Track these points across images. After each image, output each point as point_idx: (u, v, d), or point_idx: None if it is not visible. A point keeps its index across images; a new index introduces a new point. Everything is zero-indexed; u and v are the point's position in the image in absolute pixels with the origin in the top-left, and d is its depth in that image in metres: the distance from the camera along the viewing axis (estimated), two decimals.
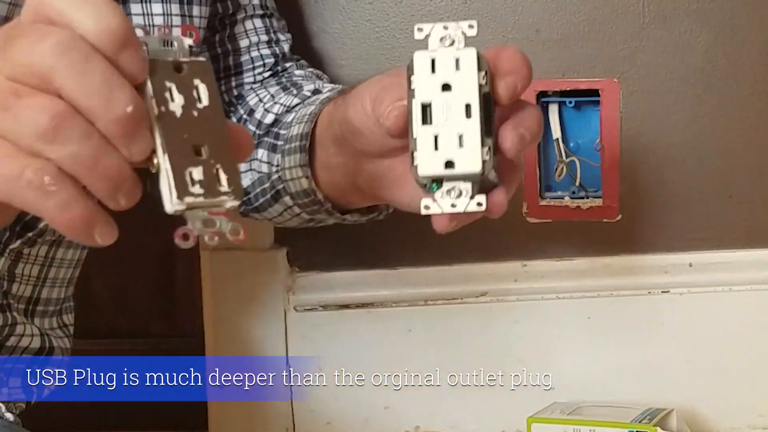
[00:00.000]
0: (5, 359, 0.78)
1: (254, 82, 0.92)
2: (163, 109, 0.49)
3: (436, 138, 0.55)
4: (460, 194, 0.56)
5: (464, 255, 1.09)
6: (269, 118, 0.86)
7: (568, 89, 1.04)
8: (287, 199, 0.83)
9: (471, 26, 0.57)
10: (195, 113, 0.50)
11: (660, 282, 1.06)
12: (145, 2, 0.79)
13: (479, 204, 0.56)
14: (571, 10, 1.03)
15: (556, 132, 1.04)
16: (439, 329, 1.10)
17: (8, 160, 0.47)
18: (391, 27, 1.05)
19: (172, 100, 0.50)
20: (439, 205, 0.56)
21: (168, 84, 0.50)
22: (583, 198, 1.06)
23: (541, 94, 1.04)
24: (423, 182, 0.56)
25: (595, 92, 1.04)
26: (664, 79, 1.03)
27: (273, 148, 0.84)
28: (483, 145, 0.55)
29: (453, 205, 0.56)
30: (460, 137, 0.55)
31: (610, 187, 1.05)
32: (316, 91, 0.87)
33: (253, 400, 1.12)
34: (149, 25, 0.78)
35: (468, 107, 0.55)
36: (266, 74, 0.92)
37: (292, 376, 1.12)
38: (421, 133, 0.56)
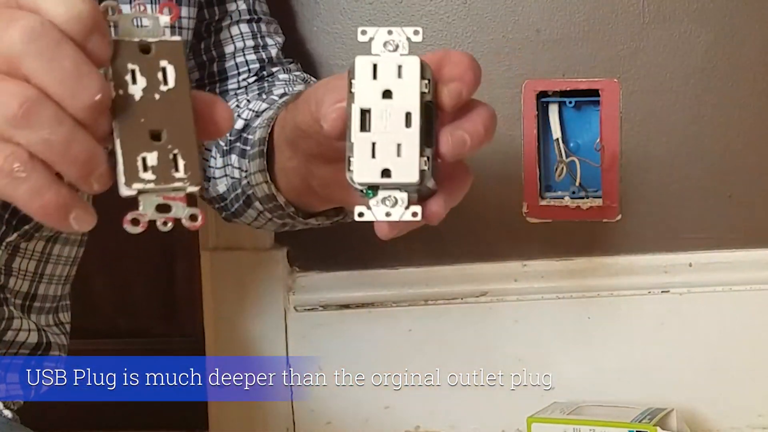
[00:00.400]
0: (3, 354, 0.78)
1: (238, 88, 0.92)
2: (120, 92, 0.48)
3: (373, 145, 0.54)
4: (395, 203, 0.55)
5: (464, 255, 1.09)
6: (239, 124, 0.85)
7: (568, 89, 1.04)
8: (257, 204, 0.83)
9: (416, 32, 0.57)
10: (157, 96, 0.49)
11: (660, 282, 1.06)
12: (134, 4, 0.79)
13: (414, 214, 0.55)
14: (571, 10, 1.03)
15: (556, 132, 1.04)
16: (439, 329, 1.10)
17: None
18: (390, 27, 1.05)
19: (134, 82, 0.49)
20: (374, 213, 0.55)
21: (131, 66, 0.49)
22: (583, 198, 1.06)
23: (541, 94, 1.04)
24: (359, 188, 0.55)
25: (595, 92, 1.04)
26: (664, 79, 1.03)
27: (242, 154, 0.84)
28: (421, 155, 0.54)
29: (388, 214, 0.55)
30: (398, 146, 0.54)
31: (610, 187, 1.05)
32: (283, 95, 0.86)
33: (253, 400, 1.12)
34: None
35: (408, 116, 0.54)
36: (251, 80, 0.92)
37: (292, 376, 1.12)
38: (358, 139, 0.54)
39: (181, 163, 0.48)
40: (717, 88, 1.03)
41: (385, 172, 0.54)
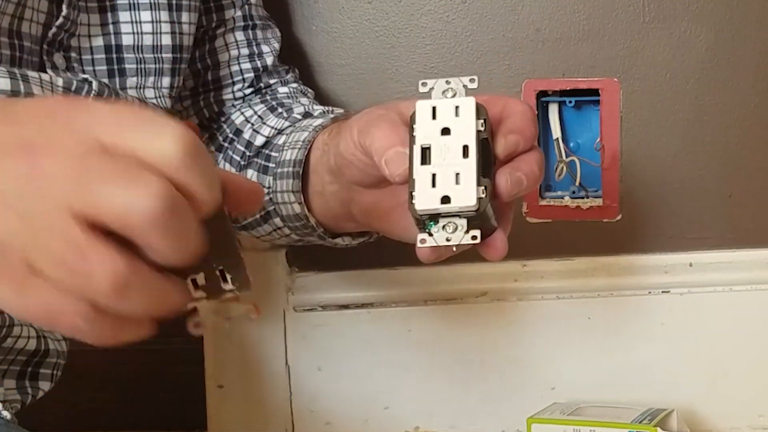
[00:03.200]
0: (1, 360, 0.78)
1: (235, 99, 0.92)
2: None
3: (434, 176, 0.57)
4: (455, 229, 0.58)
5: (464, 255, 1.08)
6: (260, 140, 0.86)
7: (568, 89, 1.04)
8: (277, 220, 0.84)
9: (472, 80, 0.60)
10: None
11: (660, 282, 1.06)
12: (134, 10, 0.80)
13: (474, 237, 0.58)
14: (571, 10, 1.03)
15: (556, 132, 1.04)
16: (439, 329, 1.09)
17: (57, 300, 0.44)
18: (391, 27, 1.05)
19: None
20: (435, 239, 0.58)
21: None
22: (583, 198, 1.06)
23: (541, 94, 1.04)
24: (421, 219, 0.58)
25: (595, 92, 1.04)
26: (664, 79, 1.03)
27: (264, 170, 0.85)
28: (479, 183, 0.57)
29: (448, 239, 0.58)
30: (457, 175, 0.57)
31: (610, 187, 1.05)
32: (306, 114, 0.87)
33: (253, 400, 1.12)
34: None
35: (465, 148, 0.58)
36: (247, 90, 0.92)
37: (291, 376, 1.12)
38: (419, 172, 0.58)
39: (228, 276, 0.50)
40: (717, 88, 1.03)
41: (445, 199, 0.57)
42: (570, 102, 1.04)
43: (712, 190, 1.05)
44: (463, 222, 0.57)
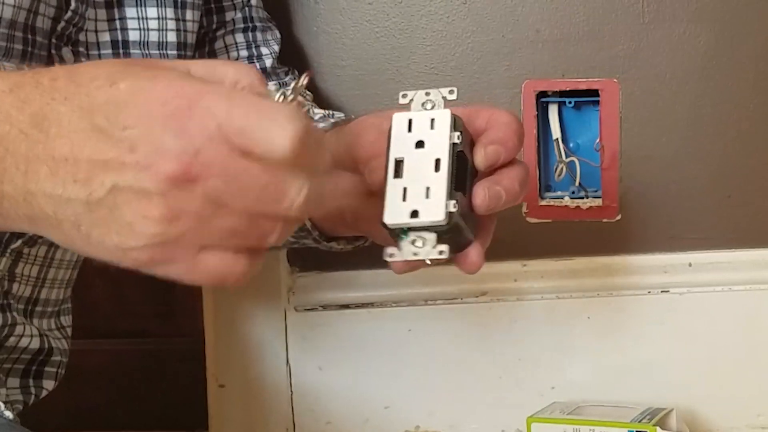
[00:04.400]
0: (4, 359, 0.78)
1: None
2: None
3: (404, 190, 0.57)
4: (424, 243, 0.57)
5: None
6: None
7: (567, 89, 1.04)
8: None
9: (451, 91, 0.59)
10: None
11: (660, 282, 1.06)
12: (141, 6, 0.80)
13: (441, 252, 0.57)
14: (571, 10, 1.03)
15: (555, 132, 1.04)
16: (439, 329, 1.10)
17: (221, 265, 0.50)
18: (391, 27, 1.05)
19: None
20: (403, 253, 0.57)
21: None
22: (582, 198, 1.06)
23: (541, 94, 1.04)
24: (394, 232, 0.58)
25: (594, 92, 1.04)
26: (664, 79, 1.03)
27: None
28: (450, 197, 0.57)
29: (415, 254, 0.57)
30: (427, 189, 0.57)
31: (610, 187, 1.05)
32: (326, 116, 0.88)
33: (254, 399, 1.12)
34: None
35: (437, 162, 0.57)
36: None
37: (292, 376, 1.12)
38: (391, 186, 0.57)
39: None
40: (717, 88, 1.03)
41: (414, 213, 0.57)
42: (570, 102, 1.04)
43: (712, 190, 1.05)
44: (432, 236, 0.57)
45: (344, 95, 1.06)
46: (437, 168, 0.57)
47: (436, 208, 0.56)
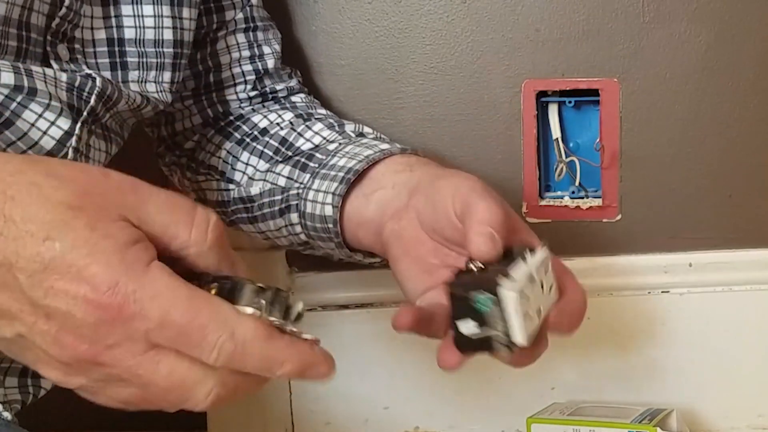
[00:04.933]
0: (2, 358, 0.78)
1: (240, 100, 0.92)
2: None
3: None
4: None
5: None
6: (307, 146, 0.88)
7: (567, 89, 1.04)
8: (294, 216, 0.85)
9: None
10: None
11: (660, 282, 1.06)
12: (137, 3, 0.80)
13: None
14: (571, 10, 1.03)
15: (555, 132, 1.04)
16: None
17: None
18: (391, 27, 1.05)
19: None
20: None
21: None
22: (583, 198, 1.06)
23: (541, 94, 1.04)
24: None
25: (595, 92, 1.04)
26: (664, 79, 1.03)
27: (303, 167, 0.86)
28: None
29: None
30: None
31: (610, 187, 1.05)
32: (360, 134, 0.89)
33: (253, 400, 1.12)
34: None
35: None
36: (251, 93, 0.93)
37: None
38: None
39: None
40: (717, 88, 1.03)
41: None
42: (570, 102, 1.04)
43: (712, 190, 1.05)
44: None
45: (343, 95, 1.06)
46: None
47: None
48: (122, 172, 0.53)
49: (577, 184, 1.04)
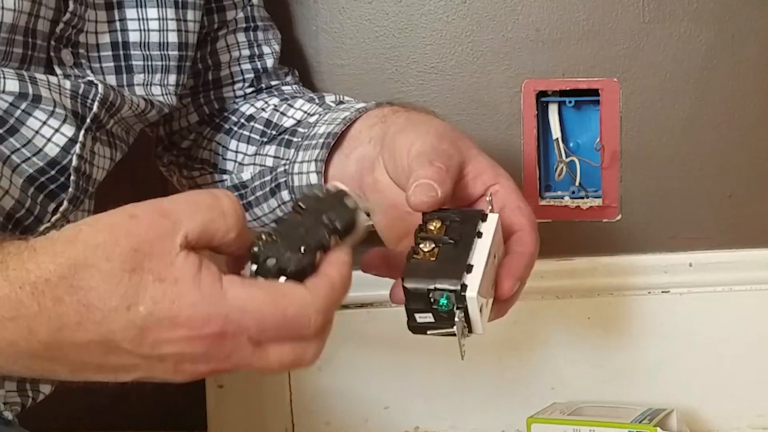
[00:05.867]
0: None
1: (236, 96, 0.92)
2: None
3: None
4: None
5: None
6: (289, 123, 0.88)
7: (568, 89, 1.04)
8: (285, 193, 0.84)
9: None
10: None
11: (660, 282, 1.06)
12: (141, 7, 0.80)
13: None
14: (571, 9, 1.03)
15: (556, 132, 1.04)
16: None
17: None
18: (391, 27, 1.05)
19: None
20: None
21: None
22: (583, 198, 1.06)
23: (541, 94, 1.04)
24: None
25: (595, 92, 1.04)
26: (664, 79, 1.03)
27: (288, 144, 0.86)
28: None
29: None
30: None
31: (610, 187, 1.05)
32: (340, 102, 0.89)
33: (253, 400, 1.12)
34: None
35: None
36: (248, 90, 0.93)
37: (291, 376, 1.12)
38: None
39: None
40: (717, 88, 1.03)
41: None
42: (570, 102, 1.04)
43: (712, 190, 1.05)
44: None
45: (343, 94, 1.06)
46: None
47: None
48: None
49: (577, 184, 1.04)
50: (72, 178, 0.73)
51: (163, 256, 0.52)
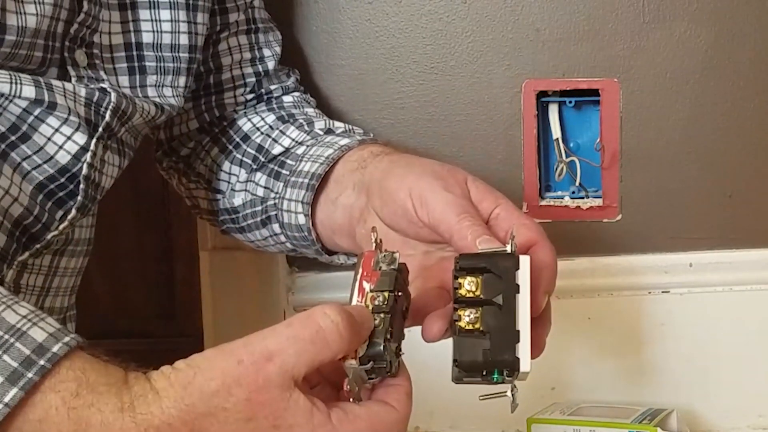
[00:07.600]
0: None
1: (237, 103, 0.93)
2: None
3: None
4: None
5: None
6: (278, 149, 0.88)
7: (568, 89, 1.04)
8: (276, 226, 0.85)
9: None
10: None
11: (660, 282, 1.06)
12: (154, 8, 0.80)
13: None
14: (571, 10, 1.03)
15: (556, 132, 1.04)
16: None
17: None
18: (391, 27, 1.05)
19: None
20: None
21: None
22: (583, 198, 1.06)
23: (541, 94, 1.04)
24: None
25: (595, 92, 1.04)
26: (664, 79, 1.03)
27: (276, 176, 0.86)
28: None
29: None
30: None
31: (610, 187, 1.05)
32: (329, 131, 0.89)
33: None
34: None
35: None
36: (249, 96, 0.93)
37: None
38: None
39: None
40: (717, 88, 1.03)
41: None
42: (570, 102, 1.04)
43: (712, 190, 1.05)
44: None
45: (343, 95, 1.06)
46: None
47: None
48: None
49: (577, 184, 1.04)
50: (81, 186, 0.73)
51: (275, 404, 0.57)
